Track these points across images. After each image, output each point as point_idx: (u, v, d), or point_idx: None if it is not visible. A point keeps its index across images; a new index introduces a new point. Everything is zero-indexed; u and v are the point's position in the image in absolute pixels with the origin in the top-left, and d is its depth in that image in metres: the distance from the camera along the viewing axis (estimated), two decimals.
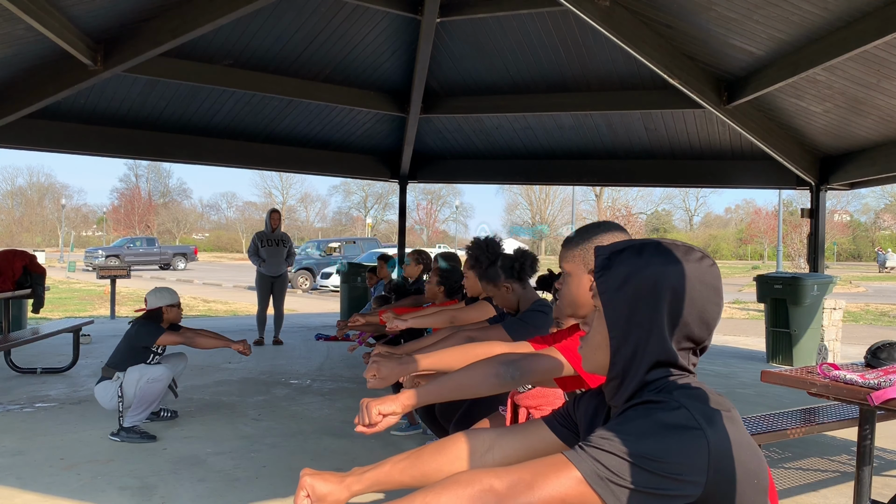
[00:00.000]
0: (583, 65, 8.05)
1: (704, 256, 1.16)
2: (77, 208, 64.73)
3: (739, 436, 1.03)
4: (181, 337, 4.73)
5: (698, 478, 0.98)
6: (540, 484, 0.98)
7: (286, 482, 3.93)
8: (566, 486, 0.98)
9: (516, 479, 0.99)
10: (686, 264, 1.13)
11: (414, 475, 1.34)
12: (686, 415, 1.01)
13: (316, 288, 21.43)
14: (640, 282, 1.12)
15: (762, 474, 1.06)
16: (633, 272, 1.13)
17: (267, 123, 9.25)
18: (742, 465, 1.02)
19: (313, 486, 1.27)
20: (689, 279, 1.12)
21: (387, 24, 7.65)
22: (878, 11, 4.65)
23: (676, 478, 0.97)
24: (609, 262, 1.16)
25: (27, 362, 7.19)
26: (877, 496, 3.51)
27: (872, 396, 2.77)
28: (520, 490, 0.98)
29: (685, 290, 1.11)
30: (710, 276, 1.14)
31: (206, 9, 6.13)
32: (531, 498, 0.97)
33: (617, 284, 1.14)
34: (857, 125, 6.91)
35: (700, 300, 1.12)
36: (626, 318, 1.13)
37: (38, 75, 6.57)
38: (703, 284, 1.13)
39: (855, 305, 17.79)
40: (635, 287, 1.12)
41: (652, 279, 1.12)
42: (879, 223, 59.72)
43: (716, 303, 1.14)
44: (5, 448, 4.41)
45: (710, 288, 1.13)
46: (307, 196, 69.27)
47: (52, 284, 13.58)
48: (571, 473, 0.98)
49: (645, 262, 1.13)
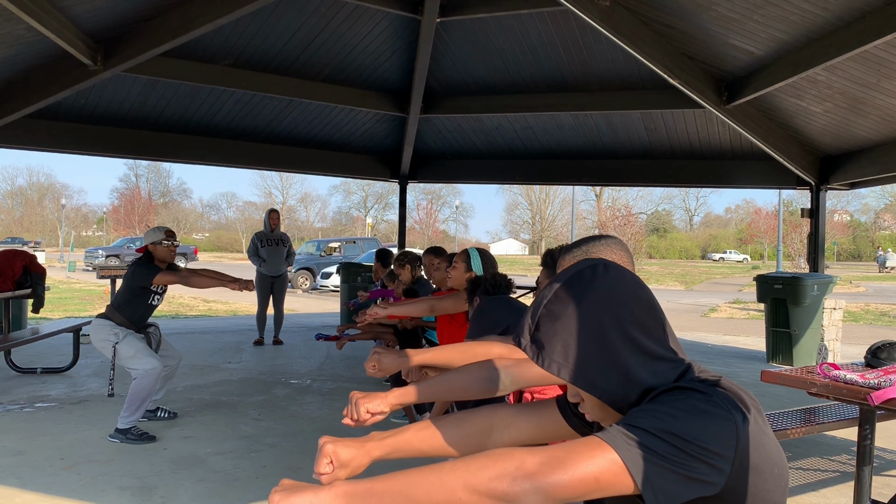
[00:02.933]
0: (583, 65, 8.05)
1: (597, 265, 1.14)
2: (77, 208, 64.81)
3: (763, 426, 1.04)
4: (177, 276, 4.75)
5: (726, 464, 0.98)
6: (574, 462, 0.97)
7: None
8: (600, 466, 0.97)
9: (550, 456, 0.98)
10: (597, 281, 1.11)
11: (433, 445, 1.35)
12: (714, 401, 1.01)
13: (316, 288, 21.43)
14: (577, 330, 1.10)
15: (783, 466, 1.06)
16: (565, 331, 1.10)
17: (267, 123, 9.25)
18: (765, 455, 1.03)
19: (336, 453, 1.27)
20: (608, 289, 1.11)
21: (387, 24, 7.65)
22: (878, 11, 4.64)
23: (707, 461, 0.97)
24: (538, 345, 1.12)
25: (27, 362, 7.19)
26: (877, 496, 3.51)
27: (872, 396, 2.77)
28: (553, 467, 0.96)
29: (616, 300, 1.10)
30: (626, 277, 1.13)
31: (206, 9, 6.13)
32: (564, 475, 0.96)
33: (561, 353, 1.10)
34: (857, 125, 6.91)
35: (632, 294, 1.12)
36: (595, 372, 1.09)
37: (38, 75, 6.57)
38: (624, 284, 1.12)
39: (855, 305, 17.79)
40: (579, 337, 1.09)
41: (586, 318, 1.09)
42: (879, 223, 59.74)
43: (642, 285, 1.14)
44: (5, 448, 4.41)
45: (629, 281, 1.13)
46: (307, 196, 69.40)
47: (53, 284, 13.57)
48: (607, 454, 0.97)
49: (567, 312, 1.10)
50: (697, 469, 0.96)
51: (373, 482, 1.02)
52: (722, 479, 0.98)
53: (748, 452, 1.00)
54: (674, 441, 0.96)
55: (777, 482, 1.05)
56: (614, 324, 1.10)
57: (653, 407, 1.03)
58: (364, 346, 9.39)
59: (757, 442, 1.02)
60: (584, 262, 1.16)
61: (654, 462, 0.96)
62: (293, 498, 1.04)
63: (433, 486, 0.98)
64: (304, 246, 26.04)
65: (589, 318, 1.10)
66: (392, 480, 1.01)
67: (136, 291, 4.76)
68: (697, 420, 0.99)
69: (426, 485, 0.99)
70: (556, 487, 0.95)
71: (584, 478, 0.96)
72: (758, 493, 1.02)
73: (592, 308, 1.10)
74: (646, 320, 1.12)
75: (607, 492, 0.98)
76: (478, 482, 0.96)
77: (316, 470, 1.26)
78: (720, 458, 0.97)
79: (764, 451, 1.03)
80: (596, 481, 0.97)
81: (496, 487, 0.95)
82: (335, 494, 1.02)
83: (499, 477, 0.96)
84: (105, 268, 13.93)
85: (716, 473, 0.98)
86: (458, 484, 0.97)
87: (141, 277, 4.73)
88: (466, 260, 3.68)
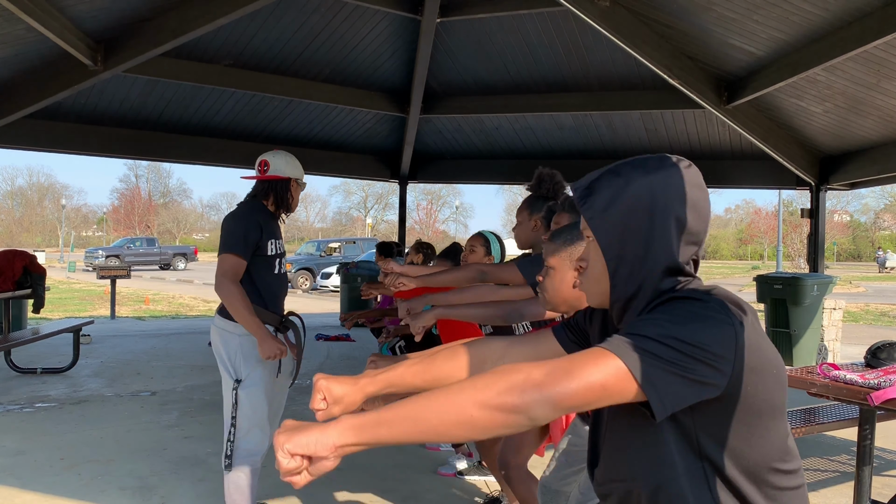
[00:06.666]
0: (583, 65, 8.05)
1: (680, 160, 1.18)
2: (77, 208, 64.77)
3: (759, 329, 1.07)
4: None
5: (727, 366, 1.01)
6: (580, 371, 0.98)
7: (286, 482, 3.93)
8: (606, 374, 0.98)
9: (556, 367, 0.99)
10: (666, 170, 1.15)
11: (426, 379, 1.36)
12: (713, 307, 1.04)
13: (316, 288, 21.42)
14: (626, 197, 1.14)
15: (781, 366, 1.09)
16: (616, 191, 1.14)
17: (267, 123, 9.25)
18: (763, 357, 1.05)
19: (329, 389, 1.27)
20: (673, 182, 1.14)
21: (387, 24, 7.65)
22: (878, 11, 4.64)
23: (709, 363, 0.99)
24: (589, 190, 1.17)
25: (27, 362, 7.19)
26: (877, 496, 3.51)
27: (872, 396, 2.77)
28: (559, 377, 0.97)
29: (673, 193, 1.13)
30: (691, 174, 1.16)
31: (206, 9, 6.13)
32: (571, 384, 0.97)
33: (603, 206, 1.15)
34: (857, 125, 6.91)
35: (691, 198, 1.14)
36: (620, 236, 1.14)
37: (39, 75, 6.57)
38: (688, 184, 1.15)
39: (855, 305, 17.78)
40: (623, 203, 1.14)
41: (638, 192, 1.13)
42: (879, 223, 59.69)
43: (704, 198, 1.16)
44: (5, 448, 4.41)
45: (695, 186, 1.15)
46: (307, 196, 69.25)
47: (52, 284, 13.57)
48: (611, 361, 0.99)
49: (625, 179, 1.14)
50: (700, 371, 0.99)
51: (380, 412, 1.01)
52: (724, 380, 1.01)
53: (747, 354, 1.03)
54: (676, 345, 0.98)
55: (776, 382, 1.07)
56: (664, 210, 1.13)
57: (652, 316, 1.06)
58: (364, 346, 9.39)
59: (755, 344, 1.04)
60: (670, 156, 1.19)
61: (658, 367, 0.98)
62: (298, 437, 1.00)
63: (443, 407, 0.98)
64: (303, 246, 26.05)
65: (644, 191, 1.13)
66: (400, 408, 1.00)
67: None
68: (697, 325, 1.01)
69: (436, 407, 0.99)
70: (564, 396, 0.97)
71: (591, 386, 0.98)
72: (758, 393, 1.05)
73: (656, 185, 1.13)
74: (692, 228, 1.14)
75: (614, 398, 1.00)
76: (488, 397, 0.97)
77: (311, 406, 1.25)
78: (721, 359, 1.00)
79: (762, 353, 1.05)
80: (602, 388, 0.98)
81: (506, 400, 0.96)
82: (343, 428, 1.00)
83: (508, 390, 0.97)
84: (105, 268, 13.96)
85: (718, 375, 1.00)
86: (468, 402, 0.97)
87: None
88: (486, 245, 3.50)
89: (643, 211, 1.13)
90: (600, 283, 1.19)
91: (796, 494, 1.10)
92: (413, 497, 3.78)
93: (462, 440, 1.01)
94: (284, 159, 3.12)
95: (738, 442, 1.05)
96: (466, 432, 0.99)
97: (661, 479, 1.07)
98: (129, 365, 7.47)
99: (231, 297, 2.82)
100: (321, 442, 0.99)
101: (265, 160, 3.11)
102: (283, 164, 3.10)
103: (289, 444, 1.00)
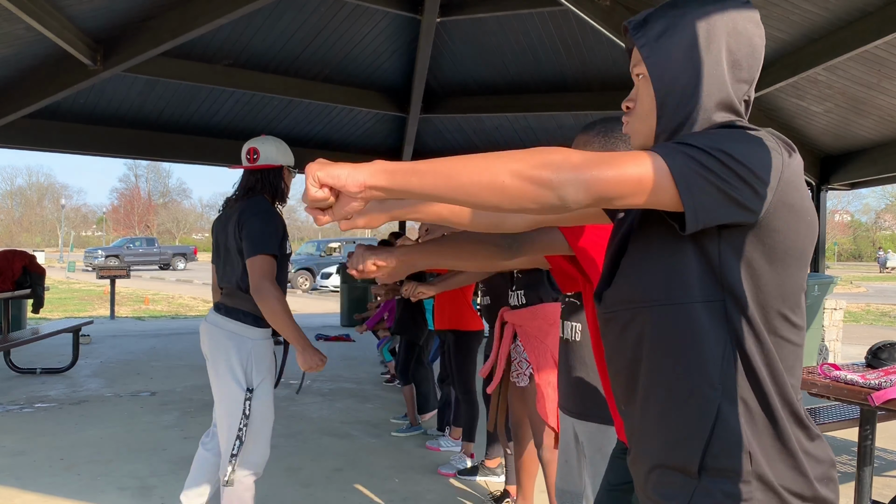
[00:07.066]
0: (583, 65, 8.05)
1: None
2: (77, 208, 64.81)
3: (802, 175, 1.05)
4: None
5: (768, 192, 0.99)
6: (619, 162, 0.96)
7: (286, 482, 3.92)
8: (645, 169, 0.96)
9: (595, 155, 0.97)
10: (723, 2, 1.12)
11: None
12: (765, 135, 1.03)
13: (316, 288, 21.42)
14: (681, 27, 1.11)
15: (815, 219, 1.07)
16: (672, 21, 1.12)
17: (267, 123, 9.24)
18: (802, 198, 1.04)
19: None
20: (728, 14, 1.11)
21: (387, 23, 7.65)
22: (878, 11, 4.64)
23: (751, 184, 0.97)
24: (644, 22, 1.14)
25: (27, 362, 7.19)
26: (877, 497, 3.51)
27: (873, 397, 2.76)
28: (597, 162, 0.96)
29: (728, 24, 1.11)
30: (748, 10, 1.13)
31: (206, 9, 6.13)
32: (608, 171, 0.96)
33: (657, 35, 1.12)
34: (857, 125, 6.90)
35: (746, 33, 1.12)
36: (671, 66, 1.11)
37: (38, 75, 6.57)
38: (745, 19, 1.12)
39: (855, 306, 17.78)
40: (677, 32, 1.11)
41: (693, 21, 1.11)
42: (880, 223, 59.72)
43: (759, 35, 1.13)
44: (5, 448, 4.40)
45: (750, 21, 1.13)
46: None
47: (52, 284, 13.57)
48: (654, 159, 0.97)
49: (682, 10, 1.12)
50: (740, 190, 0.97)
51: (415, 163, 1.00)
52: (761, 206, 0.99)
53: (788, 188, 1.01)
54: (723, 157, 0.97)
55: (808, 230, 1.06)
56: (717, 41, 1.10)
57: (704, 132, 1.04)
58: (364, 346, 9.39)
59: (797, 183, 1.03)
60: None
61: (701, 174, 0.96)
62: (331, 167, 0.99)
63: (478, 169, 0.97)
64: (304, 246, 26.04)
65: (700, 21, 1.11)
66: (435, 162, 0.99)
67: None
68: (747, 144, 0.99)
69: (471, 167, 0.98)
70: (597, 181, 0.96)
71: (628, 177, 0.96)
72: (790, 232, 1.03)
73: (712, 15, 1.11)
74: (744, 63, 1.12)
75: (646, 197, 0.98)
76: (523, 168, 0.96)
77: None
78: (763, 184, 0.98)
79: (801, 195, 1.04)
80: (638, 183, 0.97)
81: (540, 174, 0.95)
82: (376, 169, 0.99)
83: (544, 164, 0.96)
84: (105, 268, 13.94)
85: (757, 200, 0.98)
86: (503, 168, 0.96)
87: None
88: None
89: (696, 40, 1.10)
90: (647, 119, 1.15)
91: (794, 352, 1.08)
92: (413, 497, 3.77)
93: (486, 206, 0.99)
94: (274, 145, 2.88)
95: (759, 277, 1.03)
96: (495, 198, 0.97)
97: (676, 301, 1.05)
98: (129, 365, 7.47)
99: (277, 303, 2.60)
100: (352, 176, 0.99)
101: (254, 147, 2.86)
102: (274, 151, 2.87)
103: (321, 171, 1.00)
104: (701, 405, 1.04)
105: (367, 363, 8.07)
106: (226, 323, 2.73)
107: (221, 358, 2.70)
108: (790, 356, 1.07)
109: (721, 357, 1.03)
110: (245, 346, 2.70)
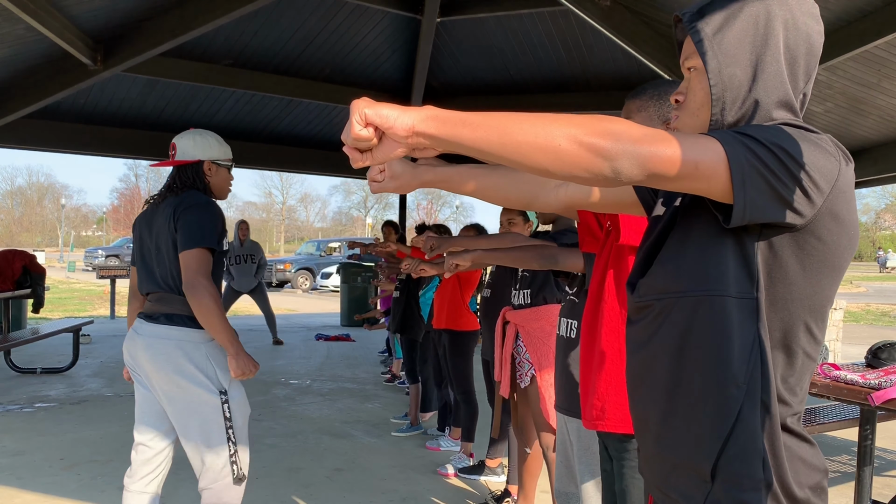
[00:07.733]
0: (583, 65, 8.05)
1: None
2: (77, 208, 64.80)
3: (853, 186, 1.03)
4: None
5: (819, 198, 0.97)
6: (679, 143, 0.94)
7: (286, 482, 3.92)
8: (703, 154, 0.94)
9: (658, 132, 0.95)
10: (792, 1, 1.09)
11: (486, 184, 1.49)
12: (825, 139, 1.00)
13: (316, 288, 21.42)
14: (740, 19, 1.08)
15: (857, 234, 1.05)
16: (731, 13, 1.08)
17: (267, 123, 9.24)
18: (850, 212, 1.02)
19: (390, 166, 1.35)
20: (789, 8, 1.08)
21: (387, 23, 7.65)
22: (878, 11, 4.64)
23: (805, 186, 0.95)
24: (700, 14, 1.10)
25: (27, 362, 7.19)
26: (877, 496, 3.51)
27: (873, 396, 2.76)
28: (657, 140, 0.94)
29: (787, 19, 1.08)
30: (808, 4, 1.10)
31: (206, 9, 6.13)
32: (666, 150, 0.93)
33: (715, 28, 1.08)
34: (857, 125, 6.91)
35: (805, 28, 1.09)
36: (729, 60, 1.07)
37: (38, 75, 6.57)
38: (805, 14, 1.09)
39: (855, 305, 17.79)
40: (737, 25, 1.08)
41: (753, 14, 1.07)
42: (880, 223, 59.71)
43: (818, 31, 1.10)
44: (5, 448, 4.40)
45: (810, 16, 1.10)
46: (307, 196, 69.29)
47: (52, 284, 13.56)
48: (713, 145, 0.95)
49: (740, 4, 1.08)
50: (793, 191, 0.95)
51: (468, 113, 0.96)
52: (810, 211, 0.97)
53: (839, 198, 0.99)
54: (781, 155, 0.95)
55: (850, 243, 1.04)
56: (776, 35, 1.07)
57: (765, 126, 1.01)
58: (364, 346, 9.40)
59: (848, 194, 1.01)
60: None
61: (757, 168, 0.94)
62: (379, 107, 0.95)
63: (534, 128, 0.93)
64: (303, 246, 26.05)
65: (760, 14, 1.08)
66: (489, 115, 0.96)
67: None
68: (806, 146, 0.97)
69: (527, 126, 0.94)
70: (653, 157, 0.94)
71: (685, 159, 0.94)
72: (830, 243, 1.01)
73: (773, 8, 1.08)
74: (801, 60, 1.09)
75: (698, 183, 0.96)
76: (581, 133, 0.93)
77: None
78: (817, 189, 0.96)
79: (850, 206, 1.02)
80: (695, 166, 0.95)
81: (598, 142, 0.93)
82: (427, 115, 0.96)
83: (603, 133, 0.93)
84: (105, 268, 13.94)
85: (807, 204, 0.96)
86: (560, 131, 0.93)
87: None
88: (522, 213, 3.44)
89: (756, 34, 1.07)
90: (699, 114, 1.12)
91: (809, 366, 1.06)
92: (413, 497, 3.77)
93: (536, 168, 0.94)
94: (192, 139, 2.67)
95: (790, 283, 1.01)
96: (547, 161, 0.94)
97: (710, 293, 1.03)
98: None
99: (211, 300, 2.38)
100: (401, 119, 0.95)
101: (173, 143, 2.67)
102: (191, 145, 2.65)
103: (369, 109, 0.95)
104: (723, 404, 1.02)
105: (367, 363, 8.07)
106: (169, 332, 2.47)
107: (174, 371, 2.46)
108: (804, 369, 1.06)
109: (748, 356, 1.01)
110: (199, 352, 2.48)
